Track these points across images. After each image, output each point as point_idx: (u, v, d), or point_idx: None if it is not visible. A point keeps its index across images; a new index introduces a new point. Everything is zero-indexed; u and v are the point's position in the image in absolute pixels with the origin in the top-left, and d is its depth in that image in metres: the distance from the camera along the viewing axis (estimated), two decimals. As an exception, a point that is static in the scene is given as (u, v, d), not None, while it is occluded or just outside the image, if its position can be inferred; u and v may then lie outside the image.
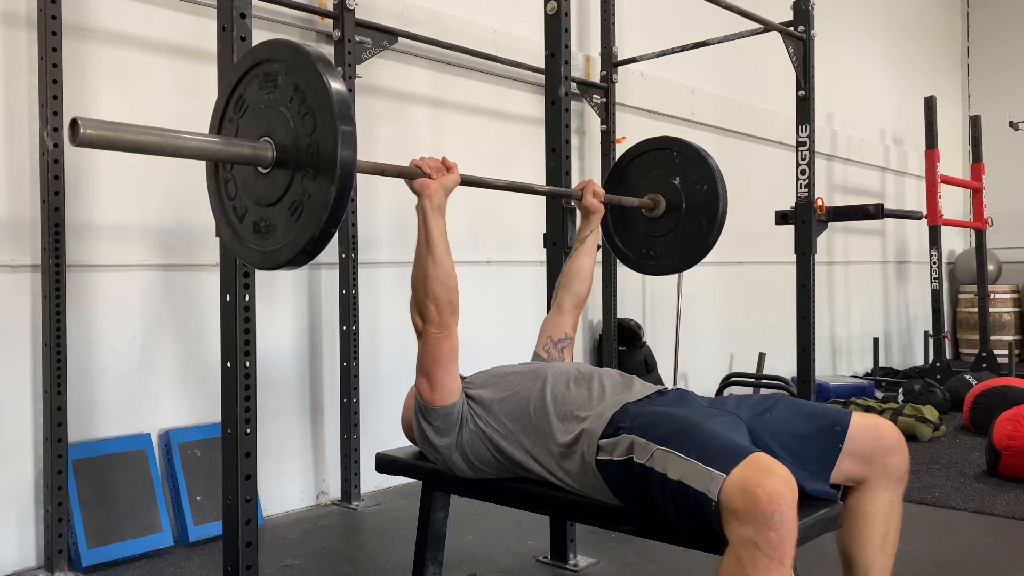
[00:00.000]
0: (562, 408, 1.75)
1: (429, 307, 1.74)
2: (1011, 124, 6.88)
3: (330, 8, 3.12)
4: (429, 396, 1.76)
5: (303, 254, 1.46)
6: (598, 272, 4.25)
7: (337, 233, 3.16)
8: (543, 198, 2.52)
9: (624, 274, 4.36)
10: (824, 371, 5.90)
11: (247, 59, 1.56)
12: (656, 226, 2.58)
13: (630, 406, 1.69)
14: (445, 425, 1.78)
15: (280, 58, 1.49)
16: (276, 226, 1.50)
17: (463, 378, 1.89)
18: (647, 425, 1.58)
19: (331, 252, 3.25)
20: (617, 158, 2.69)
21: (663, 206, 2.54)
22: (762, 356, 5.03)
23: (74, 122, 1.25)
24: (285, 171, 1.47)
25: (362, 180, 3.25)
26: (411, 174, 1.76)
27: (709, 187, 2.47)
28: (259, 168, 1.51)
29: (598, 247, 2.39)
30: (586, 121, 4.35)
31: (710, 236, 2.49)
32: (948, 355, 6.63)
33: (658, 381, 4.08)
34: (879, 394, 5.38)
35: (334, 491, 3.27)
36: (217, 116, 1.61)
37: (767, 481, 1.34)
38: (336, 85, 1.40)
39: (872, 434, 1.68)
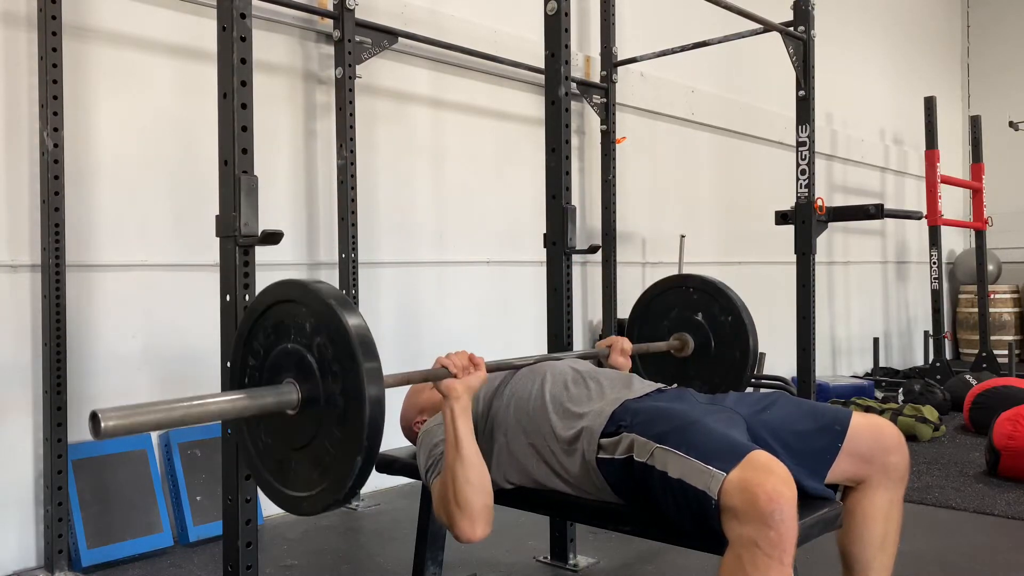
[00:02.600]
0: (561, 406, 1.74)
1: (461, 520, 1.59)
2: (1011, 124, 6.89)
3: (330, 8, 3.12)
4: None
5: (324, 510, 1.45)
6: (597, 272, 4.26)
7: (337, 233, 3.19)
8: (543, 198, 2.52)
9: (624, 274, 4.37)
10: (824, 371, 5.90)
11: (261, 301, 1.54)
12: (684, 367, 2.49)
13: (630, 403, 1.69)
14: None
15: (296, 298, 1.46)
16: (299, 475, 1.46)
17: None
18: (647, 423, 1.58)
19: (331, 252, 3.25)
20: (637, 298, 2.62)
21: (691, 346, 2.46)
22: (762, 356, 5.02)
23: (94, 416, 1.20)
24: (312, 415, 1.43)
25: (362, 180, 3.25)
26: (437, 375, 1.71)
27: (734, 319, 2.41)
28: (287, 411, 1.46)
29: (596, 248, 2.35)
30: (586, 121, 4.35)
31: (741, 379, 2.40)
32: (948, 355, 6.63)
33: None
34: (879, 394, 5.37)
35: (334, 491, 3.26)
36: (237, 363, 1.58)
37: (767, 480, 1.34)
38: (354, 321, 1.37)
39: (872, 434, 1.68)
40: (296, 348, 1.45)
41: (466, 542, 1.62)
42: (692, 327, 2.48)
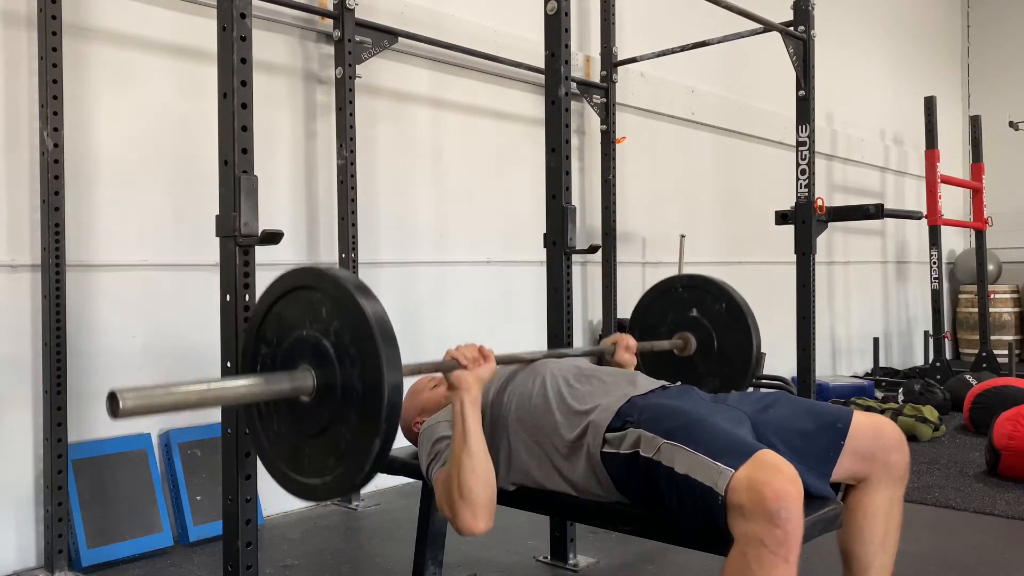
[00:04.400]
0: (565, 403, 1.75)
1: (463, 511, 1.60)
2: (1011, 124, 6.88)
3: (330, 8, 3.12)
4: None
5: (340, 495, 1.44)
6: (597, 272, 4.26)
7: (337, 233, 3.18)
8: (543, 198, 2.52)
9: (624, 274, 4.37)
10: (824, 371, 5.90)
11: (275, 289, 1.53)
12: (688, 366, 2.50)
13: (636, 399, 1.69)
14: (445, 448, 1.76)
15: (314, 285, 1.46)
16: (314, 461, 1.46)
17: None
18: (654, 419, 1.59)
19: (331, 252, 3.25)
20: (640, 298, 2.63)
21: (694, 345, 2.48)
22: (762, 356, 5.02)
23: (112, 396, 1.20)
24: (328, 401, 1.42)
25: (362, 180, 3.25)
26: (447, 367, 1.71)
27: (738, 321, 2.42)
28: (301, 398, 1.46)
29: (596, 248, 2.36)
30: (586, 121, 4.35)
31: (744, 378, 2.43)
32: (948, 355, 6.62)
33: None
34: (879, 394, 5.37)
35: (334, 491, 3.26)
36: (250, 347, 1.58)
37: (774, 479, 1.35)
38: (373, 308, 1.36)
39: (873, 432, 1.68)
40: (312, 335, 1.44)
41: (467, 534, 1.62)
42: (693, 326, 2.50)
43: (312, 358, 1.44)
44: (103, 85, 2.68)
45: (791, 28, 3.48)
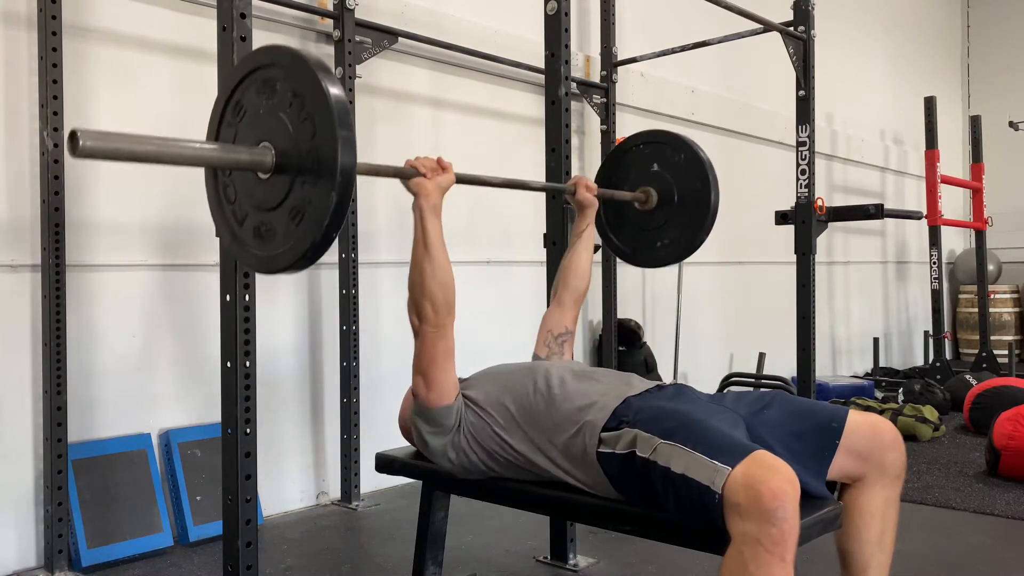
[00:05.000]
0: (562, 402, 1.75)
1: (425, 306, 1.73)
2: (1011, 124, 6.88)
3: (330, 8, 3.13)
4: (426, 396, 1.76)
5: (303, 259, 1.46)
6: (597, 272, 4.26)
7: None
8: (543, 198, 2.52)
9: (624, 274, 4.37)
10: (824, 371, 5.91)
11: (245, 64, 1.56)
12: (649, 219, 2.57)
13: (632, 399, 1.70)
14: (442, 426, 1.78)
15: (279, 63, 1.49)
16: (276, 231, 1.50)
17: (461, 380, 1.89)
18: (650, 419, 1.59)
19: (331, 252, 3.24)
20: (602, 161, 2.70)
21: (655, 199, 2.53)
22: (762, 356, 5.03)
23: (73, 134, 1.25)
24: (285, 176, 1.47)
25: (362, 180, 3.25)
26: (406, 174, 1.77)
27: (700, 177, 2.48)
28: (259, 173, 1.50)
29: (597, 248, 2.39)
30: (586, 121, 4.35)
31: (703, 227, 2.50)
32: (948, 355, 6.62)
33: (657, 380, 4.08)
34: (879, 394, 5.37)
35: (334, 491, 3.27)
36: (215, 121, 1.61)
37: (771, 478, 1.35)
38: (335, 91, 1.39)
39: (869, 431, 1.69)
40: (274, 113, 1.48)
41: (431, 327, 1.73)
42: (658, 182, 2.54)
43: (273, 138, 1.48)
44: (103, 85, 2.69)
45: (791, 28, 3.48)
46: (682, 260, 2.63)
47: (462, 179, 1.90)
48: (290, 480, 3.16)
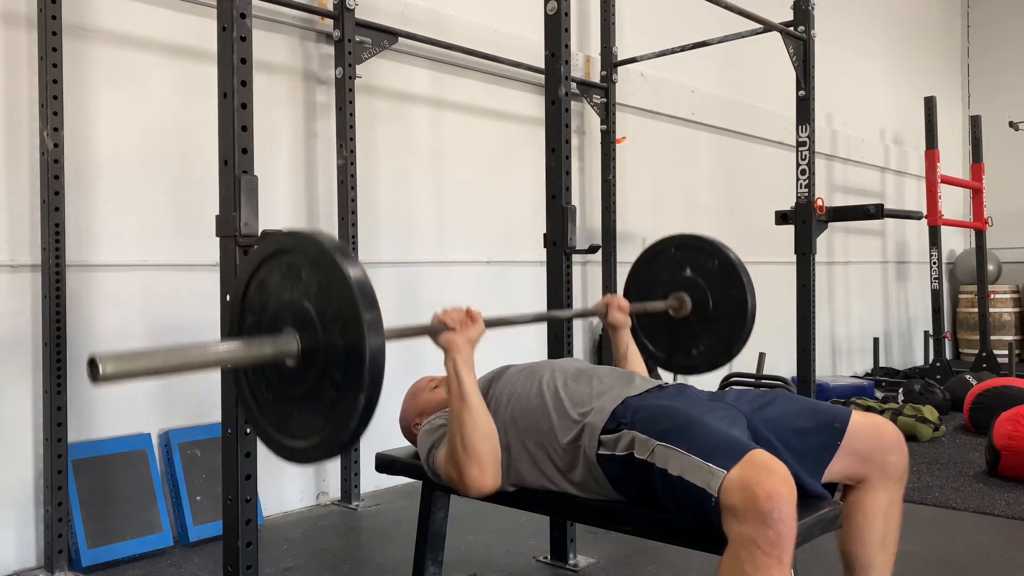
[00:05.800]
0: (562, 404, 1.75)
1: (471, 468, 1.61)
2: (1011, 124, 6.88)
3: (330, 8, 3.13)
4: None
5: (330, 456, 1.45)
6: (598, 272, 4.26)
7: (337, 233, 3.18)
8: (543, 198, 2.52)
9: (624, 274, 4.36)
10: (824, 371, 5.90)
11: (260, 252, 1.52)
12: (684, 326, 2.48)
13: (631, 400, 1.69)
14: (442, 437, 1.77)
15: (297, 248, 1.45)
16: (302, 424, 1.46)
17: None
18: (648, 420, 1.59)
19: (331, 252, 3.25)
20: (634, 261, 2.62)
21: (688, 305, 2.45)
22: (762, 356, 5.03)
23: (92, 362, 1.17)
24: (312, 368, 1.41)
25: (362, 180, 3.25)
26: (435, 331, 1.70)
27: (735, 284, 2.41)
28: (286, 362, 1.44)
29: (596, 248, 2.36)
30: (586, 121, 4.35)
31: (740, 336, 2.42)
32: (948, 355, 6.62)
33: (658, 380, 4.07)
34: (879, 394, 5.37)
35: (334, 491, 3.27)
36: (236, 312, 1.56)
37: (766, 479, 1.35)
38: (354, 272, 1.34)
39: (871, 433, 1.68)
40: (294, 299, 1.43)
41: (476, 493, 1.62)
42: (687, 285, 2.46)
43: (295, 322, 1.44)
44: (103, 85, 2.69)
45: (791, 28, 3.48)
46: (718, 368, 2.55)
47: (491, 323, 1.81)
48: (290, 480, 3.16)
